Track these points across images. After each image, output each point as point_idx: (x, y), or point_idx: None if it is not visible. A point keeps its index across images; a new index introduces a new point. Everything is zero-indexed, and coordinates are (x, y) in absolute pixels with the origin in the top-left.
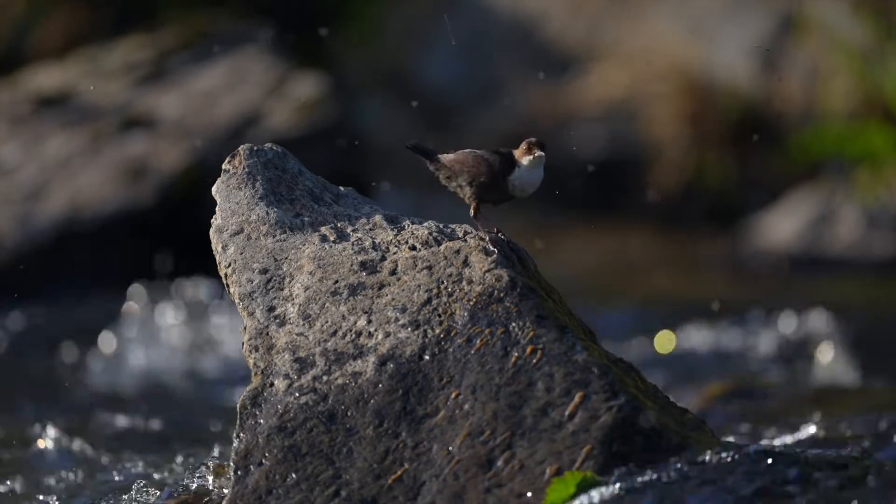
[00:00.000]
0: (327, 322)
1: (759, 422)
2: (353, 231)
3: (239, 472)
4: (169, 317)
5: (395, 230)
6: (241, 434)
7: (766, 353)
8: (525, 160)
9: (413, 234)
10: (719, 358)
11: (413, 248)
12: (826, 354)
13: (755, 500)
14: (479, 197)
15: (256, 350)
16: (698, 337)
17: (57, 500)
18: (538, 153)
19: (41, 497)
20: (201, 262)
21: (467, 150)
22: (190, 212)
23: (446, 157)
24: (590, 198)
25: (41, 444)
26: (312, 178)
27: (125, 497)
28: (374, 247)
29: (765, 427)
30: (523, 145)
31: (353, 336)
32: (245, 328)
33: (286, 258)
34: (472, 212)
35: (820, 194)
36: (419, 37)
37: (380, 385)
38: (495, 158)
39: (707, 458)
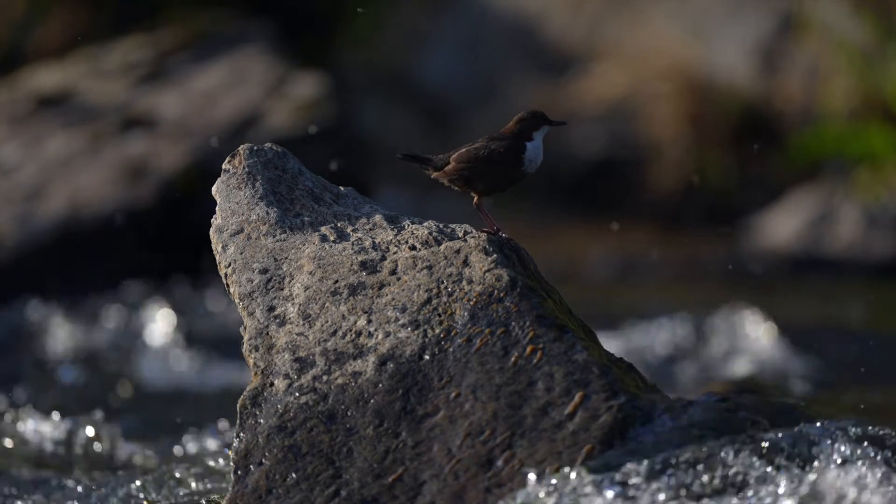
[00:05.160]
0: (327, 322)
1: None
2: (353, 231)
3: (239, 472)
4: (169, 316)
5: (395, 230)
6: (241, 434)
7: (766, 352)
8: (535, 135)
9: (413, 233)
10: (719, 357)
11: (413, 247)
12: (826, 354)
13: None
14: (491, 190)
15: (256, 350)
16: (698, 337)
17: (57, 499)
18: (546, 127)
19: (41, 497)
20: (201, 262)
21: (462, 149)
22: (190, 212)
23: (449, 168)
24: (590, 198)
25: (41, 443)
26: (312, 177)
27: (125, 497)
28: (374, 247)
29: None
30: (521, 120)
31: (353, 336)
32: (245, 328)
33: (286, 258)
34: (475, 202)
35: (820, 194)
36: (419, 37)
37: (380, 385)
38: (498, 147)
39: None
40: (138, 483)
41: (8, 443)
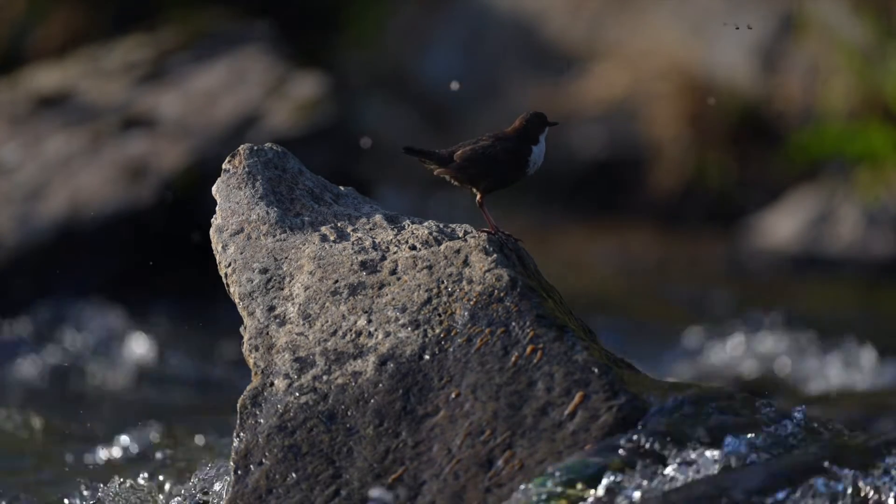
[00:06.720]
0: (327, 322)
1: None
2: (354, 231)
3: (239, 472)
4: (168, 316)
5: (396, 230)
6: (241, 434)
7: (767, 352)
8: (540, 137)
9: (413, 233)
10: (718, 357)
11: (413, 247)
12: (826, 354)
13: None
14: (494, 188)
15: (256, 350)
16: (698, 337)
17: (55, 499)
18: (547, 128)
19: (38, 497)
20: (201, 262)
21: (467, 147)
22: (190, 212)
23: (454, 165)
24: (590, 198)
25: (40, 443)
26: (312, 177)
27: (124, 497)
28: (375, 246)
29: None
30: (526, 122)
31: (353, 336)
32: (245, 328)
33: (286, 258)
34: (479, 200)
35: (820, 194)
36: (419, 37)
37: (380, 385)
38: (503, 147)
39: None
40: (138, 482)
41: (5, 442)
